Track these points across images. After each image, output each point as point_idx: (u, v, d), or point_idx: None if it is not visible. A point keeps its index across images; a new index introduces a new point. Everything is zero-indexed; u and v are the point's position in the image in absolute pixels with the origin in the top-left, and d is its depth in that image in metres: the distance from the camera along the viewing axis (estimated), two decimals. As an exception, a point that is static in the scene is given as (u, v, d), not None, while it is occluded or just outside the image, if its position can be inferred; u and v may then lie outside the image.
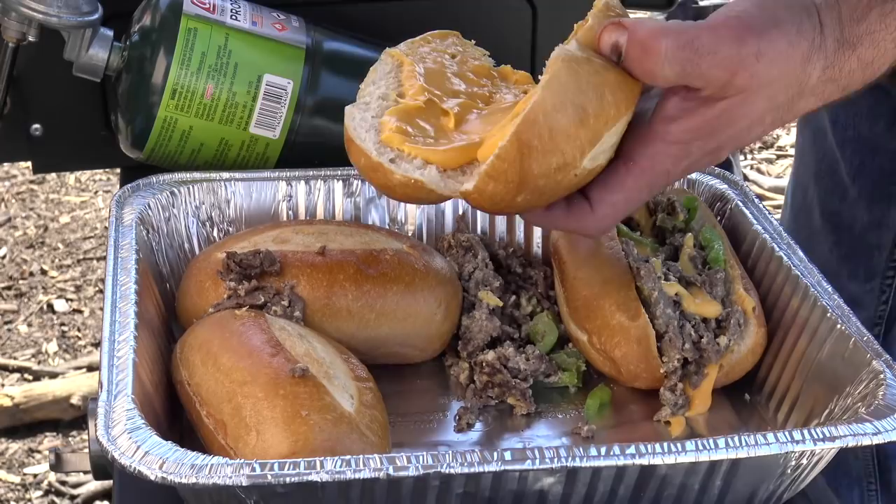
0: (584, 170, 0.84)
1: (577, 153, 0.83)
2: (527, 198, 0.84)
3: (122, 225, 1.03)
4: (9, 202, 3.13)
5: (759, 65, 0.81)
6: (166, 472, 0.77)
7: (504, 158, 0.82)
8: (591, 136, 0.83)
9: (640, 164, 0.86)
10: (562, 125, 0.82)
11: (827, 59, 0.84)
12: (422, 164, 0.87)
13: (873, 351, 0.92)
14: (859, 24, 0.84)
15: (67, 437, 2.41)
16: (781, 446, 0.82)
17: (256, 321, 0.92)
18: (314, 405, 0.84)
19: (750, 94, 0.83)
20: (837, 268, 1.41)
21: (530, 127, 0.81)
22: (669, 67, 0.81)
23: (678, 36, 0.81)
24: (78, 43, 1.17)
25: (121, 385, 0.84)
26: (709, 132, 0.85)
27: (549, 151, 0.82)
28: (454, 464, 0.78)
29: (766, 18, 0.82)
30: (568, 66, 0.82)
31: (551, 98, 0.81)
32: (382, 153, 0.88)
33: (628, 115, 0.85)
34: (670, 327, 0.99)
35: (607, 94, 0.83)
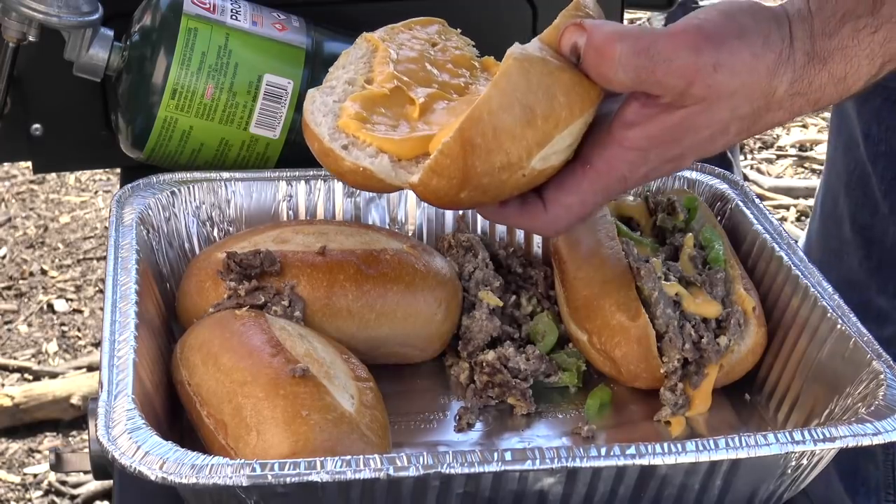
0: (532, 170, 0.83)
1: (523, 153, 0.82)
2: (471, 195, 0.83)
3: (122, 225, 1.03)
4: (9, 202, 3.13)
5: (717, 75, 0.80)
6: (166, 473, 0.77)
7: (447, 154, 0.81)
8: (540, 137, 0.82)
9: (596, 168, 0.85)
10: (507, 125, 0.81)
11: (795, 73, 0.82)
12: (375, 153, 0.87)
13: (873, 351, 0.92)
14: (831, 38, 0.83)
15: (67, 437, 2.41)
16: (782, 447, 0.82)
17: (257, 321, 0.92)
18: (315, 405, 0.84)
19: (710, 104, 0.81)
20: (866, 280, 1.39)
21: (474, 125, 0.80)
22: (624, 73, 0.80)
23: (634, 42, 0.80)
24: (78, 43, 1.17)
25: (121, 385, 0.84)
26: (668, 140, 0.84)
27: (493, 150, 0.81)
28: (454, 464, 0.78)
29: (729, 28, 0.81)
30: (519, 64, 0.81)
31: (498, 97, 0.81)
32: (336, 139, 0.88)
33: (584, 117, 0.84)
34: (670, 327, 0.99)
35: (559, 96, 0.82)
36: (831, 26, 0.83)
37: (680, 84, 0.80)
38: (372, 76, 0.94)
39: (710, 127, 0.83)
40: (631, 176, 0.85)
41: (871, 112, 1.35)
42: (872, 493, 1.44)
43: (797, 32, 0.83)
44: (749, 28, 0.81)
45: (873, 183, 1.36)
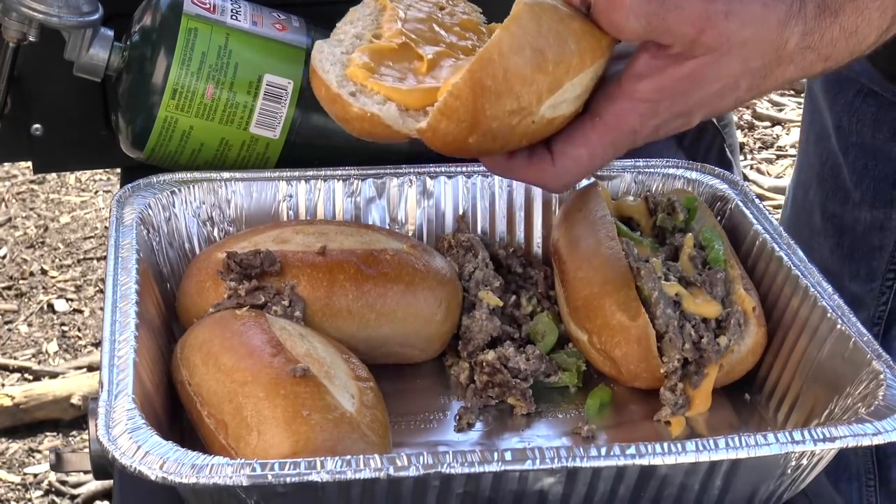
0: (542, 118, 0.83)
1: (533, 98, 0.81)
2: (479, 140, 0.83)
3: (122, 225, 1.03)
4: (9, 202, 3.13)
5: (728, 24, 0.79)
6: (167, 472, 0.77)
7: (457, 96, 0.81)
8: (551, 82, 0.81)
9: (605, 121, 0.84)
10: (518, 67, 0.80)
11: (807, 25, 0.81)
12: (382, 101, 0.86)
13: (873, 351, 0.93)
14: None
15: (68, 437, 2.42)
16: (782, 447, 0.82)
17: (257, 321, 0.92)
18: (315, 405, 0.84)
19: (721, 55, 0.80)
20: (839, 268, 1.40)
21: (485, 66, 0.80)
22: (635, 20, 0.79)
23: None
24: (78, 43, 1.17)
25: (121, 385, 0.84)
26: (678, 92, 0.83)
27: (504, 93, 0.80)
28: (455, 464, 0.78)
29: None
30: (530, 9, 0.81)
31: (509, 39, 0.80)
32: (343, 86, 0.87)
33: (595, 66, 0.84)
34: (670, 327, 0.99)
35: (570, 43, 0.82)
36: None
37: (691, 32, 0.79)
38: (380, 32, 0.93)
39: (720, 80, 0.82)
40: (640, 130, 0.85)
41: (843, 104, 1.35)
42: (854, 479, 1.44)
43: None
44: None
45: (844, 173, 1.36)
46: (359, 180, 1.14)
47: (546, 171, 0.86)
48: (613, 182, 1.18)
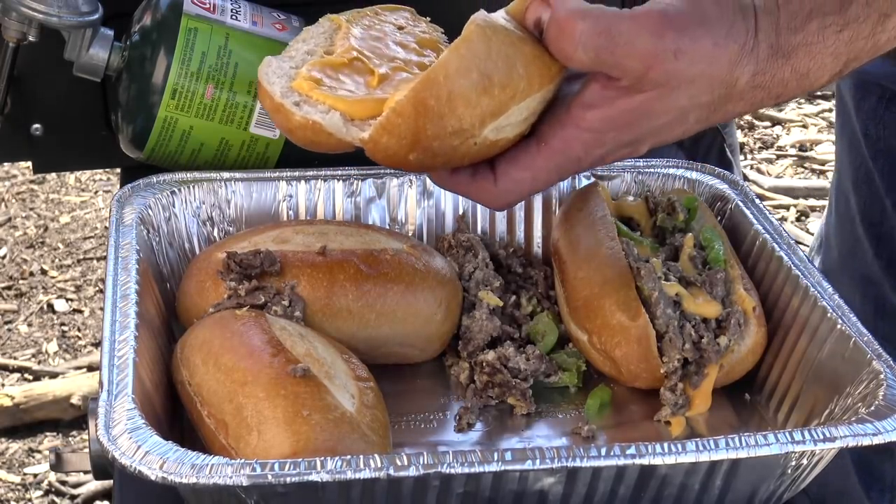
0: (485, 139, 0.82)
1: (476, 121, 0.81)
2: (419, 157, 0.82)
3: (122, 225, 1.03)
4: (9, 202, 3.13)
5: (677, 62, 0.79)
6: (167, 472, 0.77)
7: (399, 113, 0.80)
8: (496, 106, 0.81)
9: (551, 146, 0.84)
10: (462, 89, 0.80)
11: (758, 65, 0.81)
12: (326, 110, 0.86)
13: (873, 351, 0.92)
14: (796, 33, 0.82)
15: (67, 437, 2.41)
16: (782, 447, 0.82)
17: (257, 321, 0.92)
18: (315, 405, 0.84)
19: (670, 90, 0.81)
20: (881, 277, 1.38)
21: (429, 86, 0.79)
22: (584, 52, 0.79)
23: (596, 21, 0.79)
24: (78, 43, 1.17)
25: (121, 385, 0.84)
26: (625, 123, 0.83)
27: (446, 114, 0.80)
28: (455, 464, 0.78)
29: (693, 15, 0.80)
30: (482, 31, 0.81)
31: (456, 61, 0.80)
32: (287, 96, 0.87)
33: (543, 92, 0.83)
34: (670, 327, 0.99)
35: (519, 67, 0.81)
36: (797, 21, 0.82)
37: (639, 68, 0.79)
38: (332, 49, 0.93)
39: (667, 113, 0.83)
40: (585, 157, 0.85)
41: (867, 111, 1.34)
42: (887, 491, 1.43)
43: (762, 24, 0.82)
44: (713, 16, 0.80)
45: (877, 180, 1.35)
46: (359, 180, 1.14)
47: (488, 191, 0.86)
48: (613, 182, 1.18)
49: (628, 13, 0.80)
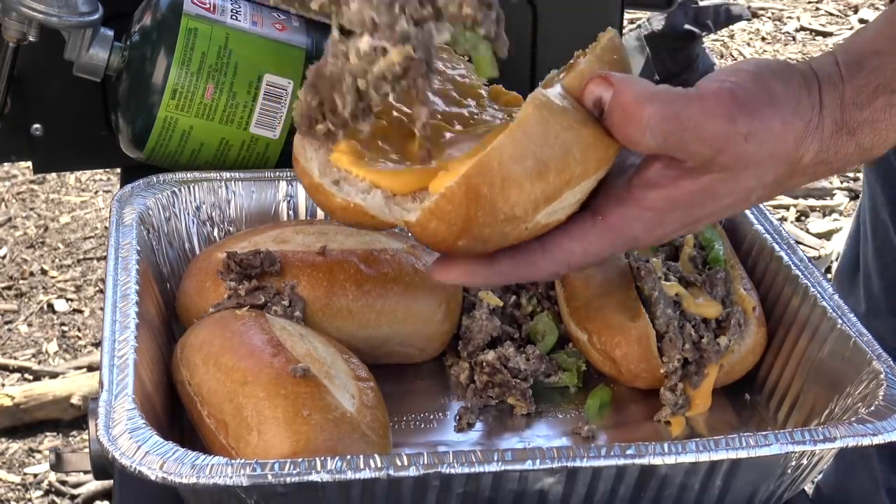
0: (537, 224, 0.79)
1: (529, 208, 0.77)
2: (468, 244, 0.78)
3: (122, 225, 1.03)
4: (9, 202, 3.13)
5: (747, 145, 0.76)
6: (167, 473, 0.76)
7: (450, 199, 0.76)
8: (550, 192, 0.77)
9: (609, 221, 0.80)
10: (517, 176, 0.75)
11: (823, 142, 0.79)
12: (367, 188, 0.81)
13: (873, 351, 0.93)
14: (862, 109, 0.79)
15: (67, 437, 2.41)
16: (782, 447, 0.82)
17: (257, 321, 0.92)
18: (315, 405, 0.84)
19: (736, 173, 0.78)
20: None
21: (482, 172, 0.75)
22: (651, 137, 0.75)
23: (664, 106, 0.75)
24: (78, 43, 1.17)
25: (121, 385, 0.84)
26: (688, 205, 0.79)
27: (499, 202, 0.76)
28: (455, 464, 0.78)
29: (761, 94, 0.77)
30: (539, 114, 0.76)
31: (511, 147, 0.75)
32: (326, 174, 0.83)
33: (599, 173, 0.79)
34: (670, 327, 0.99)
35: (576, 152, 0.77)
36: (863, 97, 0.79)
37: (708, 153, 0.76)
38: None
39: (732, 195, 0.80)
40: (643, 237, 0.81)
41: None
42: None
43: (826, 100, 0.79)
44: (780, 95, 0.77)
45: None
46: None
47: (533, 264, 0.81)
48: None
49: (696, 94, 0.76)
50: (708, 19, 2.73)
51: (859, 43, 0.81)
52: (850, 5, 4.34)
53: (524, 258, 0.80)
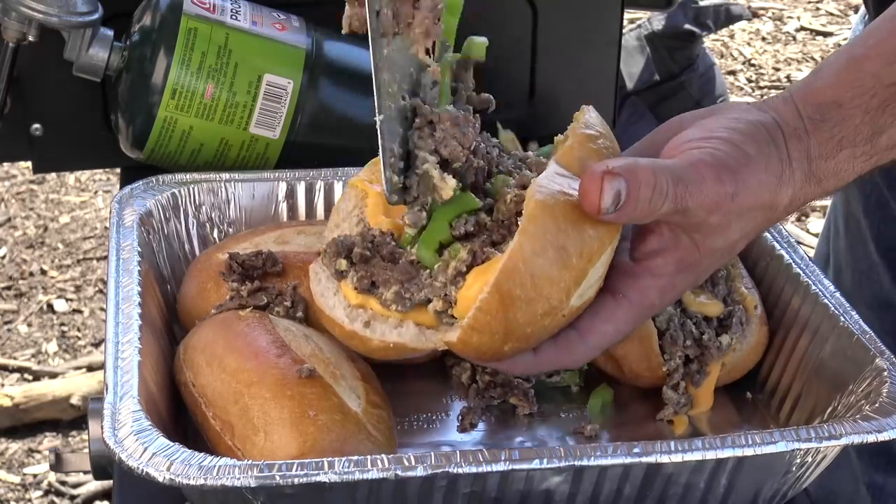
0: (572, 308, 0.80)
1: (562, 296, 0.79)
2: (514, 346, 0.80)
3: (123, 226, 1.03)
4: (9, 202, 3.13)
5: (733, 204, 0.81)
6: (174, 474, 0.76)
7: (486, 311, 0.77)
8: (577, 275, 0.79)
9: (630, 299, 0.84)
10: (543, 270, 0.77)
11: (794, 192, 0.84)
12: (398, 323, 0.84)
13: (876, 348, 0.93)
14: (827, 161, 0.84)
15: (67, 437, 2.41)
16: (787, 444, 0.82)
17: (261, 322, 0.92)
18: (322, 405, 0.84)
19: (724, 228, 0.82)
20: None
21: (511, 276, 0.77)
22: (668, 203, 0.79)
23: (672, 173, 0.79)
24: (78, 43, 1.17)
25: (126, 387, 0.84)
26: (692, 264, 0.84)
27: (533, 298, 0.78)
28: (462, 463, 0.78)
29: (737, 156, 0.81)
30: (542, 205, 0.78)
31: (530, 243, 0.77)
32: (355, 319, 0.85)
33: (613, 243, 0.82)
34: (672, 325, 0.99)
35: (588, 229, 0.79)
36: (828, 149, 0.84)
37: (703, 214, 0.81)
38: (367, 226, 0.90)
39: (723, 248, 0.84)
40: (659, 303, 0.85)
41: None
42: None
43: (794, 153, 0.83)
44: (752, 155, 0.82)
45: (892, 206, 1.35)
46: (360, 180, 1.14)
47: (574, 351, 0.85)
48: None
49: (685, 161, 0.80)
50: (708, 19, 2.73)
51: (819, 91, 0.85)
52: (850, 5, 4.35)
53: (565, 346, 0.84)
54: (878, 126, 0.84)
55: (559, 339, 0.83)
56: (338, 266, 0.86)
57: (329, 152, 1.19)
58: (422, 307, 0.83)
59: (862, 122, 0.84)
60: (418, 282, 0.84)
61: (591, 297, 0.82)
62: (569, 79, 1.38)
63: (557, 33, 1.37)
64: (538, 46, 1.37)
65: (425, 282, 0.83)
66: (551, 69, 1.38)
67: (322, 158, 1.17)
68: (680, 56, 2.70)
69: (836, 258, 1.49)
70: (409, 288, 0.84)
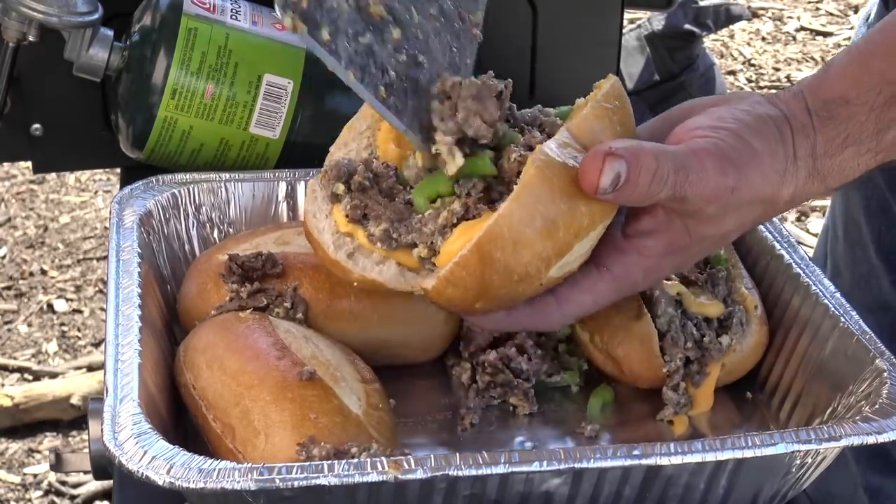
0: (550, 278, 0.81)
1: (542, 265, 0.79)
2: (485, 305, 0.81)
3: (123, 227, 1.03)
4: (9, 202, 3.13)
5: (732, 196, 0.82)
6: (174, 477, 0.76)
7: (464, 267, 0.79)
8: (561, 248, 0.79)
9: (613, 273, 0.85)
10: (527, 238, 0.78)
11: (797, 188, 0.84)
12: (381, 259, 0.85)
13: (876, 349, 0.93)
14: (832, 158, 0.84)
15: (67, 437, 2.41)
16: (788, 446, 0.82)
17: (261, 323, 0.92)
18: (322, 408, 0.84)
19: (720, 218, 0.83)
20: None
21: (493, 239, 0.77)
22: (667, 190, 0.80)
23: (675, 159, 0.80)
24: (78, 43, 1.17)
25: (126, 389, 0.84)
26: (681, 249, 0.85)
27: (511, 264, 0.78)
28: (462, 466, 0.78)
29: (743, 150, 0.82)
30: (541, 174, 0.78)
31: (519, 211, 0.78)
32: (340, 246, 0.86)
33: (606, 221, 0.82)
34: (672, 326, 0.99)
35: (581, 205, 0.79)
36: (834, 147, 0.84)
37: (700, 203, 0.81)
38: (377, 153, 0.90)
39: (714, 236, 0.85)
40: (642, 282, 0.87)
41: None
42: None
43: (800, 150, 0.84)
44: (758, 150, 0.82)
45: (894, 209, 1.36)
46: (360, 180, 1.14)
47: (549, 315, 0.86)
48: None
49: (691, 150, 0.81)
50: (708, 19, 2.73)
51: (829, 87, 0.85)
52: (850, 5, 4.34)
53: (540, 309, 0.85)
54: (883, 123, 0.84)
55: (535, 302, 0.85)
56: (335, 189, 0.87)
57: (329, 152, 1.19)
58: (407, 249, 0.84)
59: (867, 119, 0.84)
60: (408, 224, 0.84)
61: (574, 269, 0.83)
62: (569, 79, 1.38)
63: (557, 33, 1.37)
64: (538, 46, 1.37)
65: (415, 226, 0.84)
66: (551, 69, 1.38)
67: (322, 158, 1.16)
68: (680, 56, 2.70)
69: (833, 261, 1.49)
70: (398, 228, 0.84)
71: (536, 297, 0.85)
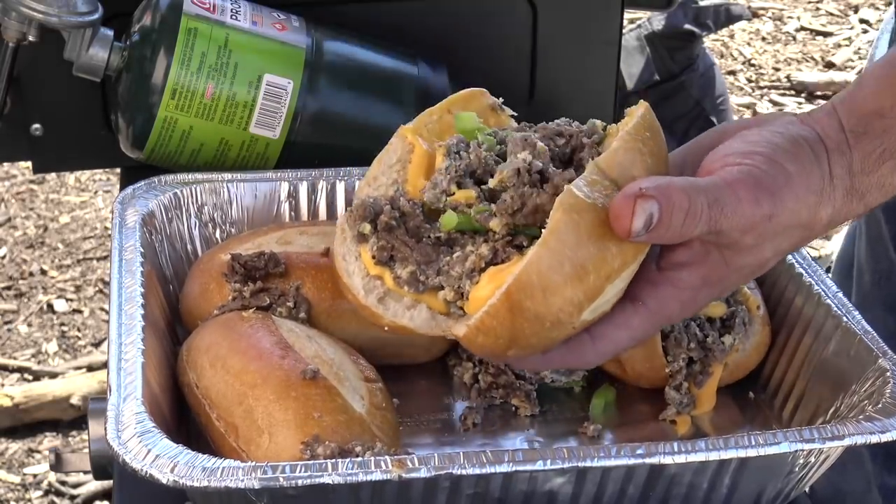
0: (583, 322, 0.79)
1: (573, 310, 0.77)
2: (517, 352, 0.80)
3: (125, 227, 1.03)
4: (9, 202, 3.13)
5: (769, 224, 0.80)
6: (178, 476, 0.76)
7: (494, 316, 0.77)
8: (592, 291, 0.77)
9: (649, 307, 0.82)
10: (557, 284, 0.75)
11: (835, 209, 0.82)
12: (412, 304, 0.83)
13: (879, 348, 0.92)
14: (870, 175, 0.82)
15: (67, 437, 2.41)
16: (791, 445, 0.82)
17: (264, 323, 0.92)
18: (326, 407, 0.84)
19: (758, 248, 0.81)
20: None
21: (523, 287, 0.75)
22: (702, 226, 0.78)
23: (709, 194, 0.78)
24: (78, 43, 1.17)
25: (129, 388, 0.84)
26: (717, 280, 0.83)
27: (542, 312, 0.76)
28: (466, 465, 0.78)
29: (777, 176, 0.80)
30: (569, 217, 0.76)
31: (548, 257, 0.75)
32: (370, 291, 0.84)
33: (638, 260, 0.80)
34: (675, 326, 0.99)
35: (611, 247, 0.77)
36: (870, 163, 0.82)
37: (737, 235, 0.80)
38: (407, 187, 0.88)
39: (752, 265, 0.83)
40: (679, 314, 0.84)
41: None
42: None
43: (836, 169, 0.82)
44: (793, 174, 0.80)
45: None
46: (360, 180, 1.14)
47: (584, 353, 0.83)
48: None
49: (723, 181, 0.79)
50: (708, 19, 2.73)
51: (862, 101, 0.83)
52: (850, 5, 4.34)
53: (575, 349, 0.83)
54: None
55: (570, 341, 0.82)
56: (361, 229, 0.85)
57: (329, 152, 1.19)
58: (434, 291, 0.83)
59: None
60: (435, 266, 0.83)
61: (607, 310, 0.80)
62: (569, 79, 1.38)
63: (557, 33, 1.37)
64: (538, 46, 1.37)
65: (442, 268, 0.82)
66: (551, 69, 1.38)
67: (322, 158, 1.17)
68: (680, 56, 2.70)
69: (857, 259, 1.49)
70: (425, 271, 0.83)
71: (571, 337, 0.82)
